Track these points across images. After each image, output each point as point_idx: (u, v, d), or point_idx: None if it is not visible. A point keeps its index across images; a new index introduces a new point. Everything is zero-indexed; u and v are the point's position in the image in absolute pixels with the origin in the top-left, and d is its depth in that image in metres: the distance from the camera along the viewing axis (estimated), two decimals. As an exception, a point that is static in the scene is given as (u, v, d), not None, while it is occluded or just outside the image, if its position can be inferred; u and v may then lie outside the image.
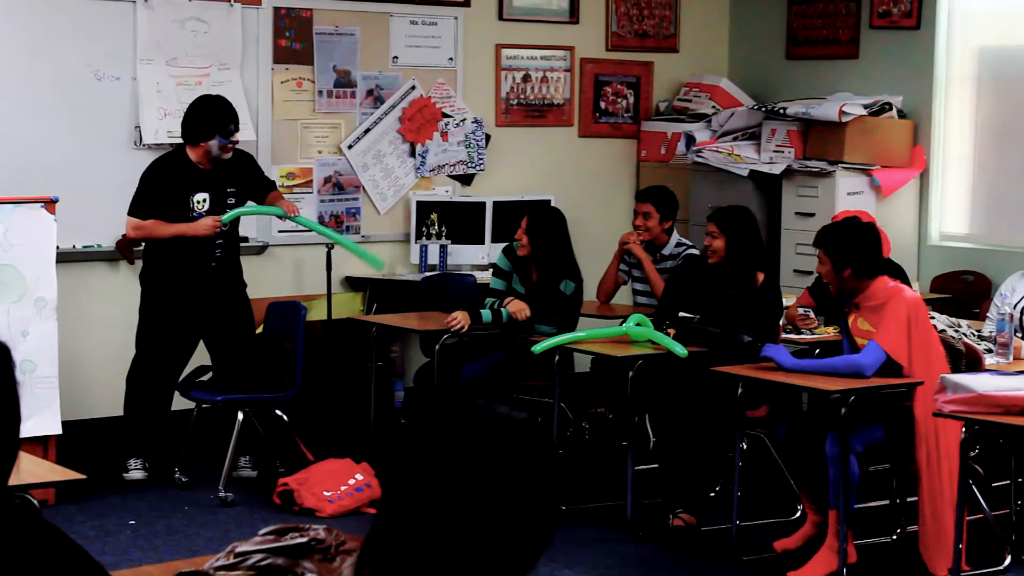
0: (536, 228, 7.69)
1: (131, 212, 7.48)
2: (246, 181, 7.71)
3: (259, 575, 3.15)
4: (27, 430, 7.38)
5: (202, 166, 7.54)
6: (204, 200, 7.55)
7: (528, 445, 1.99)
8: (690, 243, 8.20)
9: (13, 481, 4.56)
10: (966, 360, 6.53)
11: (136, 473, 7.66)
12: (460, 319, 7.55)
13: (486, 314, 7.66)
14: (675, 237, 8.15)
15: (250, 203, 7.75)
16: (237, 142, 7.59)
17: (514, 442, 1.99)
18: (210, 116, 7.50)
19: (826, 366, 6.31)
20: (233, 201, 7.64)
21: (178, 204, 7.49)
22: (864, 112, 9.01)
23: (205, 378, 7.62)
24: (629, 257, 8.23)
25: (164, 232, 7.47)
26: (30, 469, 4.75)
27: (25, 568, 2.23)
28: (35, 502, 4.63)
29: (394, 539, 1.99)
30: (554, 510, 2.02)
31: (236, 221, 7.72)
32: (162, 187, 7.48)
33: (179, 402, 7.64)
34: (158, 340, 7.57)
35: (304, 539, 3.21)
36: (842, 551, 6.13)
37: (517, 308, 7.64)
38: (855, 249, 6.28)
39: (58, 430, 7.22)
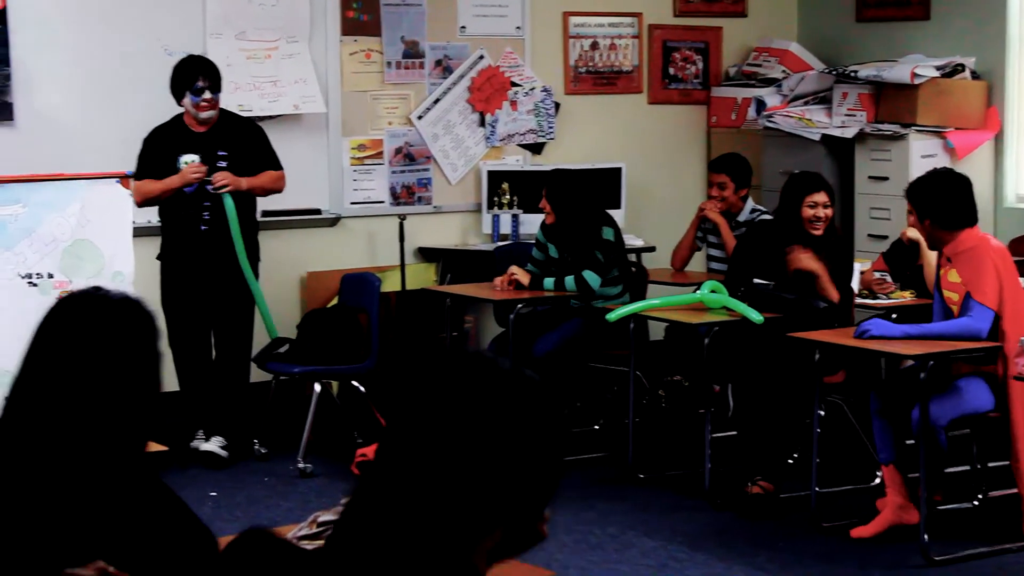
0: (555, 194, 7.73)
1: (135, 178, 7.48)
2: (243, 149, 7.58)
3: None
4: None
5: (194, 128, 7.52)
6: (193, 161, 7.48)
7: (518, 395, 2.00)
8: (764, 209, 8.17)
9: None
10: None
11: (200, 443, 7.58)
12: (517, 270, 7.62)
13: (548, 282, 7.67)
14: (749, 204, 8.13)
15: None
16: (210, 100, 7.45)
17: (507, 395, 2.00)
18: (180, 75, 7.48)
19: (938, 331, 6.22)
20: (224, 165, 7.49)
21: (167, 165, 7.46)
22: (937, 74, 8.92)
23: (282, 350, 7.66)
24: (704, 223, 8.21)
25: (152, 189, 7.43)
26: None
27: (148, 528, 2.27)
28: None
29: (386, 485, 1.99)
30: (549, 463, 2.01)
31: (243, 195, 7.51)
32: (155, 150, 7.49)
33: (256, 374, 7.68)
34: (171, 314, 7.45)
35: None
36: (921, 530, 6.08)
37: (518, 276, 7.74)
38: (937, 199, 6.26)
39: (136, 403, 7.27)
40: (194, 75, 7.43)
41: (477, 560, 1.98)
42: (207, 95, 7.43)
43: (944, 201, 6.27)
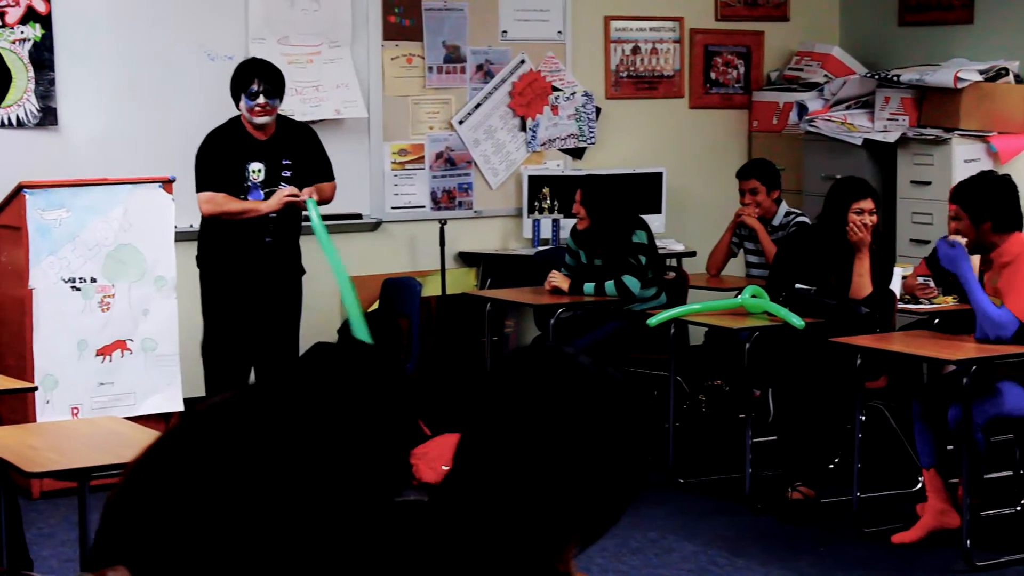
0: (590, 197, 7.74)
1: (199, 188, 7.27)
2: (305, 157, 7.38)
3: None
4: (150, 407, 7.50)
5: (256, 136, 7.29)
6: (259, 170, 7.26)
7: (607, 396, 1.93)
8: (799, 211, 8.18)
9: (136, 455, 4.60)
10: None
11: None
12: (556, 276, 7.64)
13: (588, 287, 7.68)
14: (783, 207, 8.13)
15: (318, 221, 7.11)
16: (266, 104, 7.19)
17: (592, 393, 1.93)
18: (235, 78, 7.27)
19: (978, 302, 6.18)
20: (289, 174, 7.29)
21: (233, 174, 7.23)
22: (980, 78, 8.88)
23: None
24: (741, 229, 8.21)
25: (236, 208, 7.20)
26: (156, 446, 4.81)
27: None
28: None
29: (470, 487, 1.91)
30: (631, 470, 1.96)
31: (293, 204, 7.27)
32: (218, 157, 7.25)
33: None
34: (221, 326, 7.35)
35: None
36: (964, 535, 6.05)
37: (557, 282, 7.75)
38: (995, 202, 6.22)
39: (180, 407, 7.31)
40: (250, 78, 7.20)
41: (562, 565, 1.92)
42: (261, 99, 7.17)
43: (1002, 204, 6.25)
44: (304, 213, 7.29)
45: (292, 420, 1.47)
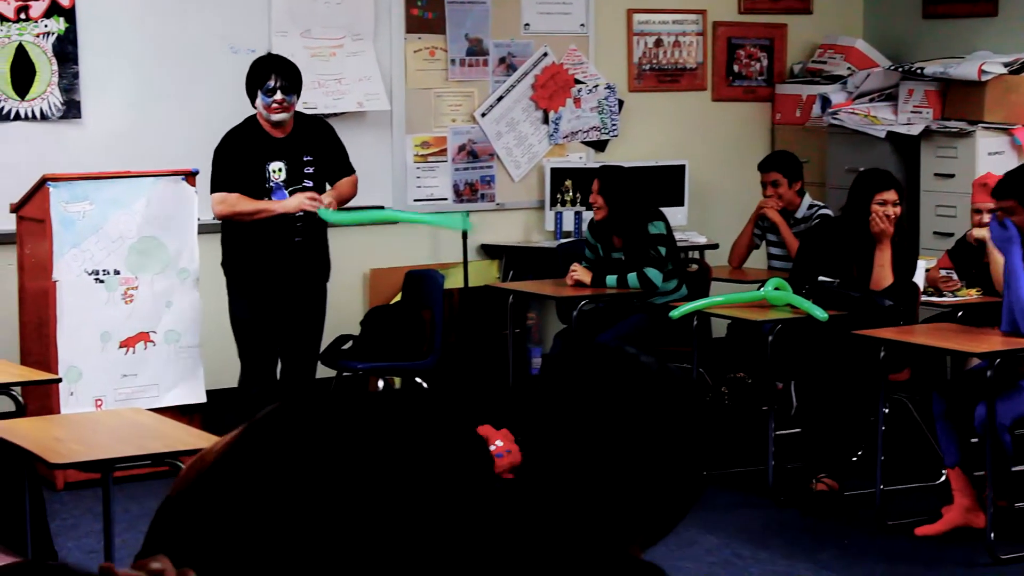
0: (609, 186, 7.72)
1: (213, 189, 7.08)
2: (325, 154, 7.18)
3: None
4: (173, 399, 7.54)
5: (274, 134, 7.07)
6: (280, 169, 7.03)
7: (674, 395, 1.94)
8: (822, 203, 8.18)
9: (163, 448, 4.61)
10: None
11: None
12: (578, 269, 7.62)
13: (611, 279, 7.67)
14: (807, 199, 8.13)
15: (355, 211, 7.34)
16: (282, 101, 6.95)
17: (659, 392, 1.93)
18: (251, 75, 7.05)
19: (1019, 292, 6.13)
20: (312, 170, 7.09)
21: (253, 175, 7.02)
22: (1004, 71, 8.85)
23: (346, 346, 7.69)
24: (763, 221, 8.20)
25: (248, 209, 7.00)
26: (180, 437, 4.83)
27: None
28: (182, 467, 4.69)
29: (534, 494, 1.94)
30: (699, 467, 1.96)
31: (322, 189, 7.14)
32: (235, 158, 7.03)
33: (321, 370, 7.71)
34: (251, 331, 7.22)
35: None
36: (988, 528, 6.03)
37: (579, 276, 7.75)
38: None
39: (203, 399, 7.33)
40: (266, 73, 6.98)
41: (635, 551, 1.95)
42: (279, 96, 6.93)
43: None
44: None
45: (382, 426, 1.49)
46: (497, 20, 9.10)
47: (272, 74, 6.98)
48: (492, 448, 7.24)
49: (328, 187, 7.22)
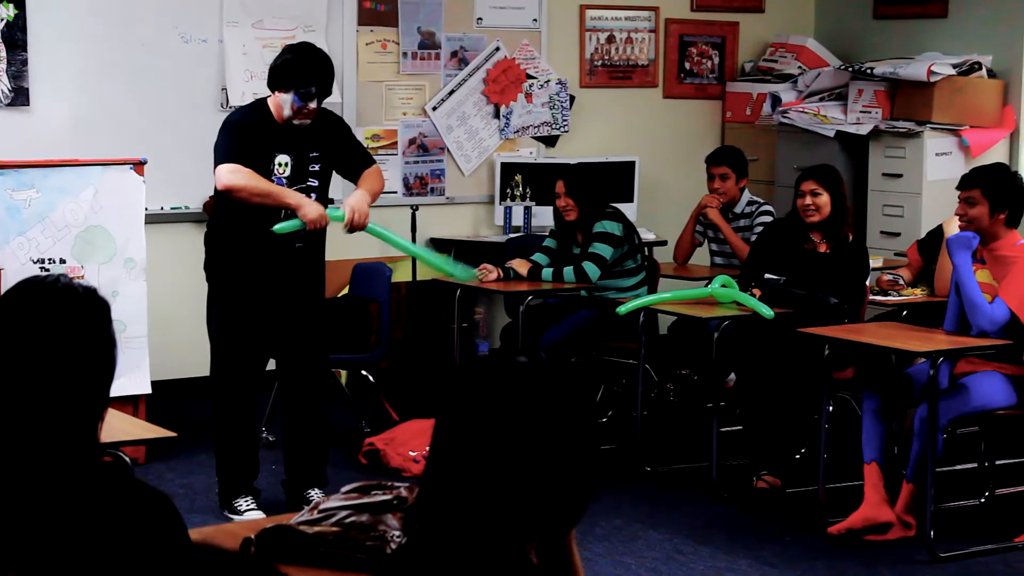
0: (576, 187, 7.68)
1: (224, 160, 6.31)
2: (333, 147, 6.52)
3: (343, 531, 3.18)
4: (117, 389, 7.43)
5: (281, 123, 6.35)
6: (286, 164, 6.38)
7: (544, 388, 2.10)
8: (762, 200, 8.20)
9: (105, 438, 4.60)
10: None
11: (248, 512, 6.52)
12: (487, 268, 7.61)
13: (547, 273, 7.66)
14: (746, 195, 8.15)
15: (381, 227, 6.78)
16: (313, 110, 6.32)
17: (532, 387, 2.10)
18: (290, 69, 6.28)
19: (970, 293, 6.18)
20: (316, 168, 6.45)
21: (260, 164, 6.32)
22: (953, 72, 8.91)
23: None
24: (704, 219, 8.21)
25: (261, 187, 6.28)
26: (121, 427, 4.81)
27: (115, 521, 2.26)
28: (127, 459, 4.68)
29: (441, 493, 2.09)
30: (590, 452, 2.11)
31: (326, 186, 6.59)
32: (247, 141, 6.33)
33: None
34: (236, 352, 6.50)
35: (388, 496, 3.24)
36: (927, 527, 6.07)
37: (516, 265, 7.73)
38: (1015, 194, 6.25)
39: (148, 389, 7.31)
40: (311, 77, 6.25)
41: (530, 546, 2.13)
42: (312, 105, 6.29)
43: (1019, 199, 6.28)
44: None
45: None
46: (450, 14, 9.10)
47: (316, 84, 6.29)
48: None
49: (353, 183, 6.72)
